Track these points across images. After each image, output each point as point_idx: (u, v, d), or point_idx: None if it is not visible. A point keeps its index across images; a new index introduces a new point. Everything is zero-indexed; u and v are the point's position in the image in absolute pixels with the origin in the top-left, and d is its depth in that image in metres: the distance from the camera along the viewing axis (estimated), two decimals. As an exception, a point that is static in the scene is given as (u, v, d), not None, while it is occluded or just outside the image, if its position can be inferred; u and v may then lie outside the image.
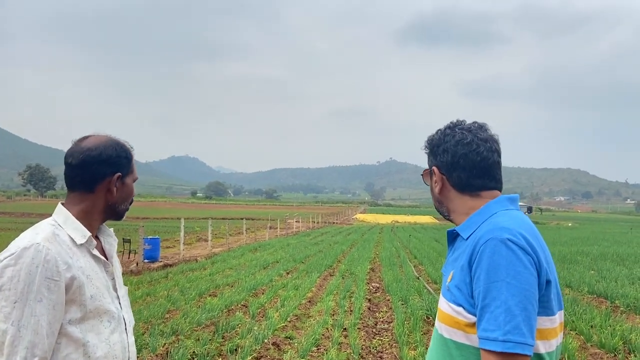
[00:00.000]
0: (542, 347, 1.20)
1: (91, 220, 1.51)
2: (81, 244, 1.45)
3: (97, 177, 1.49)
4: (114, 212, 1.57)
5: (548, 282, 1.22)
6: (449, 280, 1.31)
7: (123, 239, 16.02)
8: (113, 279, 1.56)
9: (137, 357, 5.19)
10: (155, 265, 13.41)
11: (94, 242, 1.50)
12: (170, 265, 13.42)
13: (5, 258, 1.33)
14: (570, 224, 60.07)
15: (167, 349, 5.55)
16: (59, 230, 1.43)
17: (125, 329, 1.55)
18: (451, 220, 1.46)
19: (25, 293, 1.29)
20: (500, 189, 1.41)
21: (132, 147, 1.60)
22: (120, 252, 15.57)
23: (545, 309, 1.21)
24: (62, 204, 1.51)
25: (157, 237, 15.57)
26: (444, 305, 1.31)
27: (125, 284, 1.63)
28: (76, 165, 1.47)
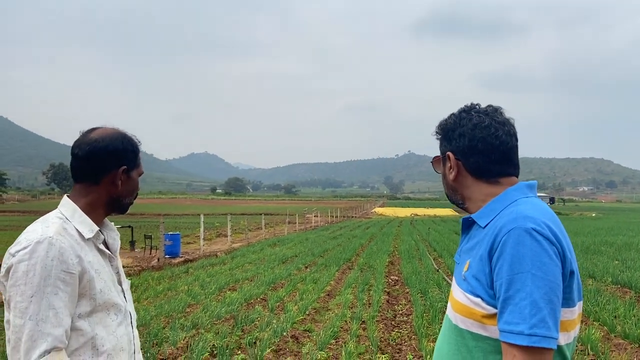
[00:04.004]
0: (562, 339, 1.16)
1: (96, 213, 1.50)
2: (88, 238, 1.45)
3: (103, 169, 1.49)
4: (118, 206, 1.56)
5: (572, 273, 1.18)
6: (465, 269, 1.27)
7: (145, 235, 16.26)
8: (118, 272, 1.56)
9: (159, 350, 5.28)
10: (176, 260, 13.56)
11: (102, 236, 1.51)
12: (191, 261, 13.57)
13: (17, 252, 1.32)
14: (594, 215, 58.96)
15: (187, 342, 5.62)
16: (66, 223, 1.42)
17: (131, 322, 1.56)
18: (465, 209, 1.40)
19: (42, 287, 1.28)
20: (517, 175, 1.35)
21: (139, 141, 1.59)
22: (142, 247, 15.80)
23: (566, 300, 1.16)
24: (68, 196, 1.51)
25: (177, 233, 15.74)
26: (460, 295, 1.26)
27: (144, 280, 1.64)
28: (82, 157, 1.48)
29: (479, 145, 1.31)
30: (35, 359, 1.25)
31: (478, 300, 1.19)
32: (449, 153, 1.37)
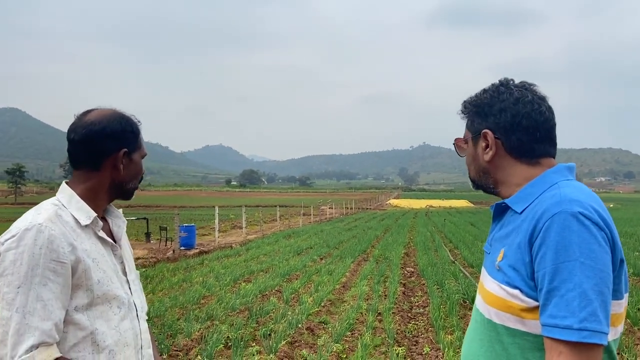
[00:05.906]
0: (610, 335, 1.03)
1: (97, 199, 1.41)
2: (86, 225, 1.34)
3: (102, 153, 1.38)
4: (122, 191, 1.46)
5: (621, 261, 1.06)
6: (499, 259, 1.14)
7: (160, 226, 16.37)
8: (122, 262, 1.46)
9: (173, 341, 5.26)
10: (191, 252, 13.63)
11: (100, 223, 1.39)
12: (206, 252, 13.62)
13: (6, 241, 1.24)
14: (611, 205, 58.02)
15: (202, 333, 5.60)
16: (62, 210, 1.33)
17: (137, 315, 1.45)
18: (496, 194, 1.27)
19: (30, 277, 1.19)
20: (554, 156, 1.23)
21: (139, 122, 1.48)
22: (158, 239, 15.91)
23: (615, 292, 1.04)
24: (67, 182, 1.42)
25: (193, 224, 15.82)
26: (494, 287, 1.14)
27: (159, 271, 1.55)
28: (79, 141, 1.37)
29: (524, 122, 1.18)
30: (21, 354, 1.16)
31: (516, 292, 1.08)
32: (486, 131, 1.22)
